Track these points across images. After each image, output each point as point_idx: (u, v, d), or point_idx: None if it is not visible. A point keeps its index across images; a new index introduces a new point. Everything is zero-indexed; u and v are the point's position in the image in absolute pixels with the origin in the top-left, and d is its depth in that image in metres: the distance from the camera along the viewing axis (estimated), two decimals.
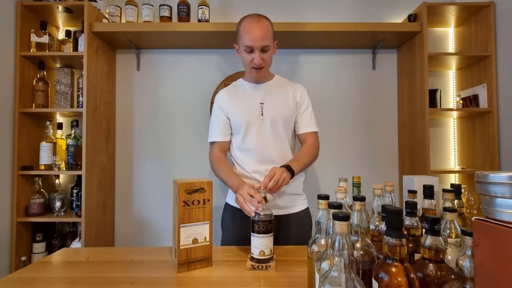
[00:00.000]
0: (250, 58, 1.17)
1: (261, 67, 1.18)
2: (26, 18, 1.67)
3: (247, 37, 1.15)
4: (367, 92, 1.97)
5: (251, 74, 1.23)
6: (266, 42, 1.15)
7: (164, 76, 1.97)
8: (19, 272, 0.86)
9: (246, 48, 1.16)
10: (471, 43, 1.82)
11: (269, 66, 1.24)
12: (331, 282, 0.46)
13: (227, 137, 1.27)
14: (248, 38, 1.14)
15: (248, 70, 1.23)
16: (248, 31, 1.15)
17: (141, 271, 0.86)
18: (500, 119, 1.66)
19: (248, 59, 1.18)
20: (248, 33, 1.14)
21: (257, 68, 1.19)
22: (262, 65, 1.18)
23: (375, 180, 1.90)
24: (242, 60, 1.23)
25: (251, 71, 1.21)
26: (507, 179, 0.39)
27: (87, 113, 1.62)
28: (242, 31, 1.17)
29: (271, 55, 1.21)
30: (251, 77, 1.26)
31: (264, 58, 1.17)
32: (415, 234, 0.64)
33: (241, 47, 1.19)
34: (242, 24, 1.18)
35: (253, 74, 1.21)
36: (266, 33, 1.15)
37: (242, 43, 1.17)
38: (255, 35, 1.14)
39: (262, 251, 0.85)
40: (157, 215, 1.94)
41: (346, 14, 1.96)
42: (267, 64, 1.21)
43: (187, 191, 0.86)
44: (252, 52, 1.16)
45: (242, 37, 1.17)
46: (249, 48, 1.15)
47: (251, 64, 1.18)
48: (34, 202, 1.65)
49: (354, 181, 0.98)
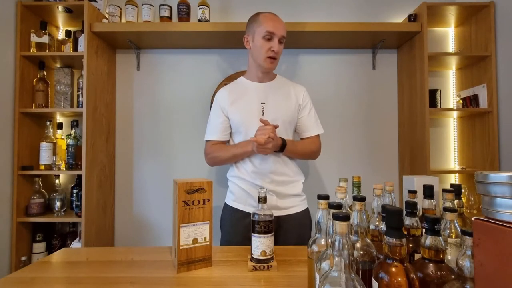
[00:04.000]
0: (269, 45, 1.18)
1: (275, 58, 1.20)
2: (26, 18, 1.67)
3: (270, 24, 1.18)
4: (367, 92, 1.97)
5: (264, 64, 1.20)
6: (285, 33, 1.20)
7: (164, 76, 1.97)
8: (19, 272, 0.86)
9: (266, 34, 1.17)
10: (471, 43, 1.82)
11: (278, 61, 1.24)
12: (331, 282, 0.46)
13: (224, 137, 1.27)
14: (271, 25, 1.18)
15: (262, 60, 1.20)
16: (271, 19, 1.19)
17: (141, 271, 0.86)
18: (500, 119, 1.66)
19: (267, 46, 1.18)
20: (271, 21, 1.19)
21: (272, 58, 1.19)
22: (278, 55, 1.20)
23: (375, 180, 1.89)
24: (256, 50, 1.21)
25: (265, 60, 1.20)
26: (507, 179, 0.39)
27: (87, 113, 1.62)
28: (262, 19, 1.20)
29: (282, 50, 1.23)
30: (254, 74, 1.27)
31: (280, 49, 1.20)
32: (415, 234, 0.64)
33: (259, 35, 1.19)
34: (262, 15, 1.22)
35: (267, 64, 1.20)
36: (284, 26, 1.21)
37: (262, 30, 1.18)
38: (277, 24, 1.19)
39: (263, 251, 0.85)
40: (157, 215, 1.94)
41: (346, 14, 1.96)
42: (279, 58, 1.22)
43: (187, 191, 0.86)
44: (271, 40, 1.18)
45: (263, 24, 1.18)
46: (270, 35, 1.17)
47: (268, 53, 1.18)
48: (34, 202, 1.65)
49: (354, 181, 0.98)
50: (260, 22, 1.19)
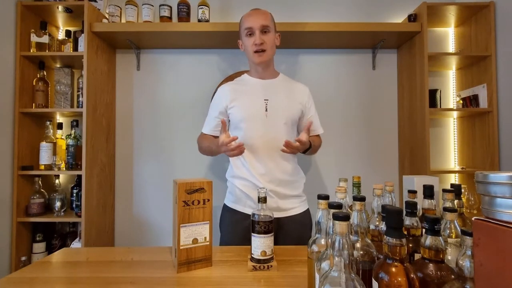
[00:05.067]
0: (251, 41, 1.18)
1: (263, 49, 1.18)
2: (26, 18, 1.67)
3: (247, 20, 1.20)
4: (367, 92, 1.97)
5: (253, 59, 1.21)
6: (265, 22, 1.18)
7: (164, 76, 1.97)
8: (19, 272, 0.86)
9: (246, 31, 1.19)
10: (471, 43, 1.82)
11: (271, 52, 1.22)
12: (331, 282, 0.46)
13: (216, 132, 1.29)
14: (249, 20, 1.19)
15: (251, 57, 1.21)
16: (248, 16, 1.21)
17: (141, 271, 0.86)
18: (500, 119, 1.66)
19: (250, 43, 1.19)
20: (249, 16, 1.21)
21: (259, 52, 1.18)
22: (264, 47, 1.18)
23: (375, 180, 1.90)
24: (245, 50, 1.24)
25: (253, 56, 1.20)
26: (507, 179, 0.39)
27: (87, 113, 1.62)
28: (242, 19, 1.23)
29: (272, 40, 1.21)
30: (255, 70, 1.27)
31: (265, 40, 1.18)
32: (415, 234, 0.64)
33: (243, 35, 1.21)
34: (243, 16, 1.24)
35: (255, 58, 1.20)
36: (265, 16, 1.20)
37: (243, 29, 1.21)
38: (254, 17, 1.19)
39: (263, 251, 0.85)
40: (157, 215, 1.94)
41: (346, 14, 1.96)
42: (269, 47, 1.20)
43: (187, 191, 0.86)
44: (252, 35, 1.19)
45: (242, 24, 1.22)
46: (249, 30, 1.18)
47: (253, 47, 1.18)
48: (34, 202, 1.65)
49: (354, 181, 0.98)
50: (241, 23, 1.23)
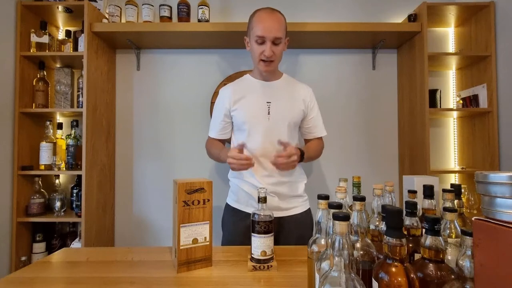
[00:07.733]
0: (261, 49, 1.14)
1: (271, 60, 1.16)
2: (26, 18, 1.67)
3: (259, 27, 1.13)
4: (367, 92, 1.97)
5: (259, 67, 1.19)
6: (278, 34, 1.13)
7: (164, 76, 1.97)
8: (19, 272, 0.86)
9: (257, 39, 1.14)
10: (471, 43, 1.82)
11: (278, 61, 1.21)
12: (331, 282, 0.46)
13: (222, 135, 1.28)
14: (261, 28, 1.12)
15: (256, 63, 1.19)
16: (261, 21, 1.14)
17: (141, 271, 0.86)
18: (500, 119, 1.66)
19: (259, 50, 1.15)
20: (261, 23, 1.13)
21: (266, 61, 1.16)
22: (272, 58, 1.15)
23: (375, 180, 1.90)
24: (252, 53, 1.20)
25: (259, 64, 1.17)
26: (507, 179, 0.39)
27: (87, 113, 1.62)
28: (254, 21, 1.16)
29: (281, 50, 1.19)
30: (258, 72, 1.24)
31: (274, 51, 1.14)
32: (415, 234, 0.64)
33: (252, 38, 1.16)
34: (255, 15, 1.17)
35: (261, 67, 1.18)
36: (279, 26, 1.14)
37: (253, 34, 1.15)
38: (268, 26, 1.12)
39: (263, 251, 0.85)
40: (157, 215, 1.94)
41: (346, 14, 1.96)
42: (277, 58, 1.18)
43: (187, 191, 0.86)
44: (263, 44, 1.14)
45: (254, 27, 1.15)
46: (261, 39, 1.13)
47: (261, 56, 1.15)
48: (34, 202, 1.65)
49: (354, 181, 0.98)
50: (252, 24, 1.17)
